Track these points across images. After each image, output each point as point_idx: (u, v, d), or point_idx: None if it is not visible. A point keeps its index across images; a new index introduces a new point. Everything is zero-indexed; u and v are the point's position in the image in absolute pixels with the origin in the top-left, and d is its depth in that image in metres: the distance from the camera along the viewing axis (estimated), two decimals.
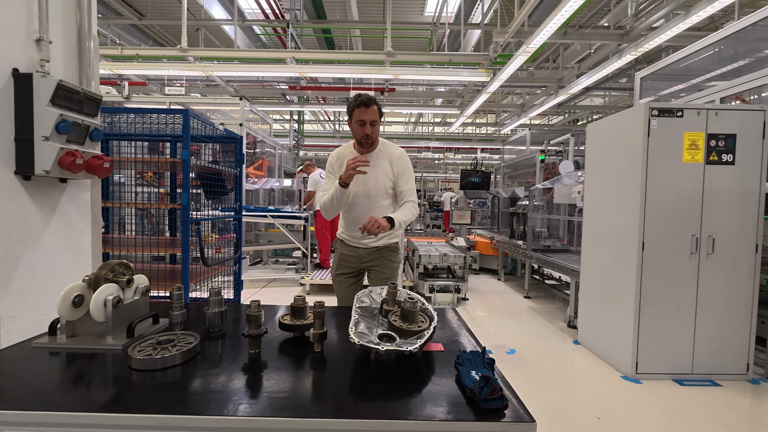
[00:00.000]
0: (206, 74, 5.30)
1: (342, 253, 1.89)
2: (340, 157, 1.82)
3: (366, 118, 1.69)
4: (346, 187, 1.67)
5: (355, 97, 1.73)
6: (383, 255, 1.87)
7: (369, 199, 1.80)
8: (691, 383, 2.37)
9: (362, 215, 1.77)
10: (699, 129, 2.34)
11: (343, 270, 1.89)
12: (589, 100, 9.74)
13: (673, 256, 2.38)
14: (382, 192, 1.82)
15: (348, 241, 1.88)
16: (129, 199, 2.84)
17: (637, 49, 4.18)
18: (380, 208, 1.81)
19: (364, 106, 1.69)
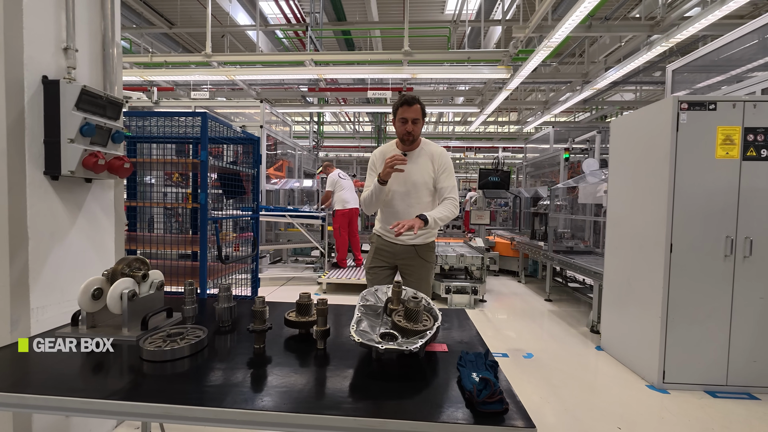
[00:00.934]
0: (228, 78, 5.48)
1: (378, 247, 1.93)
2: (383, 154, 1.87)
3: (408, 116, 1.76)
4: (384, 184, 1.73)
5: (400, 96, 1.82)
6: (419, 254, 1.89)
7: (408, 196, 1.84)
8: (725, 395, 2.21)
9: (401, 211, 1.83)
10: (735, 123, 2.18)
11: (377, 263, 1.93)
12: (619, 95, 9.31)
13: (705, 258, 2.23)
14: (422, 189, 1.85)
15: (385, 236, 1.91)
16: (157, 199, 2.99)
17: (668, 40, 3.94)
18: (420, 205, 1.85)
19: (407, 104, 1.76)
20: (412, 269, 1.88)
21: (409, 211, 1.83)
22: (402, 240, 1.85)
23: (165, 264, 2.46)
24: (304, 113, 10.11)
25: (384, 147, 1.94)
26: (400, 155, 1.72)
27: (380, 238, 1.94)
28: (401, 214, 1.83)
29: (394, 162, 1.66)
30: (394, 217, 1.84)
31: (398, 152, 1.82)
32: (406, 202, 1.84)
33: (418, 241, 1.87)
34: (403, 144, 1.85)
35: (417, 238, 1.85)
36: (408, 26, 5.29)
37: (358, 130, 12.55)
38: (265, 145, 5.51)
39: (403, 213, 1.83)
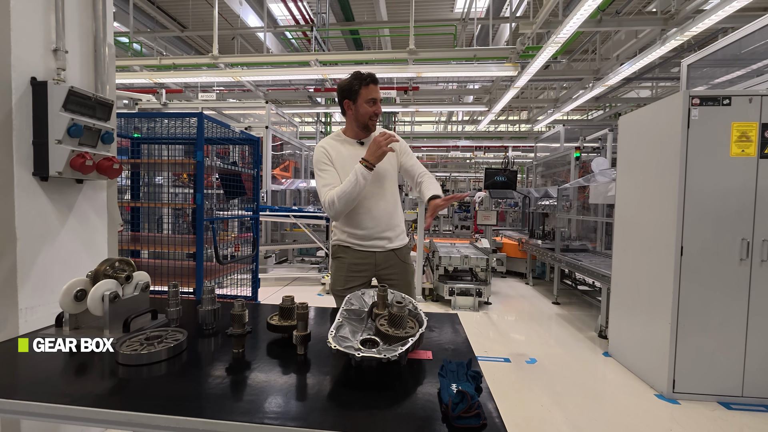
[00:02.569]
0: (234, 79, 5.53)
1: (351, 263, 1.61)
2: (332, 147, 1.58)
3: (377, 96, 1.53)
4: (372, 169, 1.46)
5: (358, 75, 1.52)
6: (400, 257, 1.67)
7: (381, 186, 1.59)
8: (740, 407, 2.09)
9: (373, 208, 1.58)
10: (751, 118, 2.06)
11: (354, 282, 1.61)
12: (635, 92, 9.03)
13: (718, 262, 2.11)
14: (391, 180, 1.64)
15: (358, 246, 1.61)
16: (168, 200, 3.02)
17: (683, 33, 3.77)
18: (392, 199, 1.63)
19: (374, 83, 1.52)
20: (395, 276, 1.65)
21: (382, 207, 1.59)
22: (381, 245, 1.61)
23: (166, 264, 2.48)
24: (312, 113, 10.15)
25: (328, 140, 1.62)
26: (390, 132, 1.50)
27: (350, 249, 1.62)
28: (374, 211, 1.58)
29: (389, 140, 1.44)
30: (367, 216, 1.58)
31: (349, 141, 1.60)
32: (377, 197, 1.58)
33: (397, 243, 1.65)
34: (364, 131, 1.58)
35: (395, 241, 1.64)
36: (413, 25, 5.23)
37: None
38: (271, 146, 5.54)
39: (376, 210, 1.58)
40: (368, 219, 1.59)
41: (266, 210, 4.80)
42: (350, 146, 1.61)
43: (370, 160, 1.45)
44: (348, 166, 1.52)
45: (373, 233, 1.60)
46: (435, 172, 17.29)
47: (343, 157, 1.57)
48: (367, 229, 1.59)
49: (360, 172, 1.45)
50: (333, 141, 1.62)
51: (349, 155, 1.56)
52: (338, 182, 1.53)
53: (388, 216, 1.63)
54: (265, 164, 5.46)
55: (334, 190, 1.50)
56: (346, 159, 1.56)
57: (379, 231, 1.61)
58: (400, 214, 1.71)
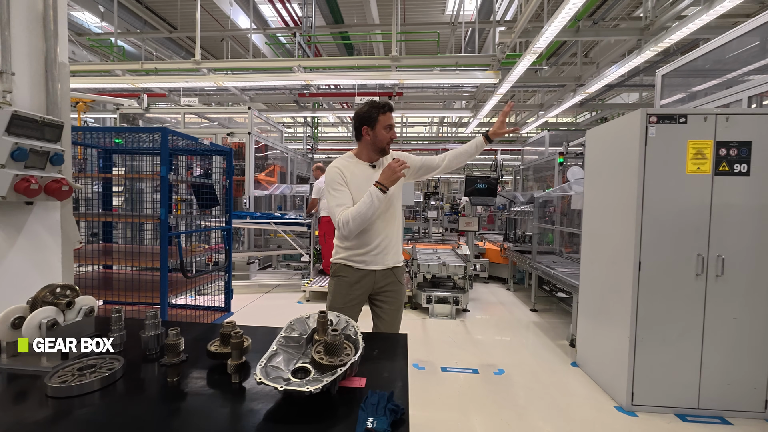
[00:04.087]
0: (217, 84, 5.50)
1: (352, 282, 1.67)
2: (346, 168, 1.65)
3: (392, 123, 1.67)
4: (386, 192, 1.55)
5: (374, 104, 1.66)
6: (397, 276, 1.74)
7: (389, 208, 1.68)
8: (696, 419, 2.14)
9: (382, 226, 1.66)
10: (706, 136, 2.10)
11: (353, 302, 1.68)
12: (620, 98, 9.13)
13: (676, 277, 2.15)
14: (398, 200, 1.76)
15: (361, 265, 1.67)
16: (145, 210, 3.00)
17: (657, 45, 3.83)
18: (397, 218, 1.73)
19: (390, 111, 1.67)
20: (391, 296, 1.72)
21: (389, 228, 1.68)
22: (384, 262, 1.68)
23: (137, 277, 2.47)
24: (299, 117, 10.14)
25: (341, 161, 1.70)
26: (404, 156, 1.67)
27: (352, 268, 1.68)
28: (381, 231, 1.65)
29: (403, 166, 1.54)
30: (374, 235, 1.65)
31: (362, 164, 1.68)
32: (384, 218, 1.67)
33: (395, 262, 1.72)
34: (380, 154, 1.68)
35: (394, 260, 1.71)
36: (397, 30, 5.25)
37: None
38: (254, 151, 5.52)
39: (383, 230, 1.66)
40: (375, 238, 1.66)
41: (247, 217, 4.79)
42: (363, 168, 1.69)
43: (385, 184, 1.54)
44: (362, 186, 1.60)
45: (376, 251, 1.69)
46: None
47: (358, 178, 1.64)
48: (373, 247, 1.68)
49: (375, 195, 1.54)
50: (346, 162, 1.70)
51: (363, 177, 1.64)
52: (351, 202, 1.61)
53: (391, 236, 1.74)
54: (248, 170, 5.44)
55: (348, 211, 1.57)
56: (360, 180, 1.63)
57: (382, 249, 1.70)
58: (400, 236, 1.82)
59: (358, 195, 1.58)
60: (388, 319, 1.72)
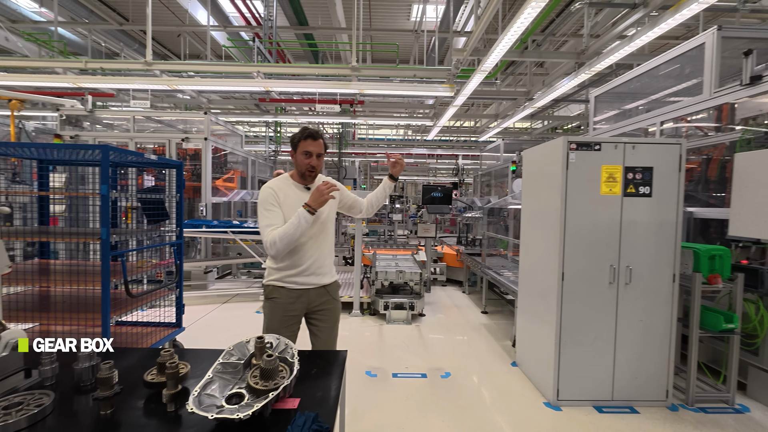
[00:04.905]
0: (171, 87, 5.30)
1: (286, 303, 1.71)
2: (280, 189, 1.71)
3: (312, 150, 1.70)
4: (314, 214, 1.61)
5: (303, 129, 1.73)
6: (331, 293, 1.81)
7: (320, 229, 1.76)
8: (610, 410, 2.43)
9: (313, 246, 1.73)
10: (617, 162, 2.40)
11: (290, 322, 1.72)
12: (567, 110, 9.82)
13: (593, 285, 2.43)
14: (330, 224, 1.83)
15: (293, 285, 1.72)
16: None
17: (590, 69, 4.24)
18: (328, 238, 1.81)
19: (312, 138, 1.71)
20: (326, 314, 1.79)
21: (319, 247, 1.75)
22: (315, 281, 1.74)
23: (69, 295, 2.37)
24: (261, 122, 9.94)
25: (276, 182, 1.75)
26: (333, 181, 1.73)
27: (285, 289, 1.72)
28: (311, 251, 1.72)
29: (331, 189, 1.60)
30: (305, 255, 1.71)
31: (297, 185, 1.76)
32: (315, 238, 1.74)
33: (328, 279, 1.80)
34: (303, 179, 1.76)
35: (327, 277, 1.78)
36: (359, 39, 5.34)
37: (328, 132, 12.46)
38: (211, 158, 5.39)
39: (314, 249, 1.72)
40: (307, 258, 1.72)
41: (202, 226, 4.67)
42: (298, 190, 1.75)
43: (312, 206, 1.60)
44: (294, 208, 1.64)
45: (309, 270, 1.75)
46: None
47: (291, 199, 1.72)
48: (304, 266, 1.73)
49: (303, 216, 1.60)
50: (281, 183, 1.75)
51: (297, 198, 1.72)
52: (281, 223, 1.65)
53: (323, 255, 1.81)
54: (204, 177, 5.30)
55: (276, 231, 1.61)
56: (293, 201, 1.71)
57: (315, 268, 1.77)
58: (332, 255, 1.90)
59: (291, 216, 1.63)
60: (324, 336, 1.79)
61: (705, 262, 2.44)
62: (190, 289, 5.17)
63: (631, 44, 3.68)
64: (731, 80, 3.04)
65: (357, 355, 3.22)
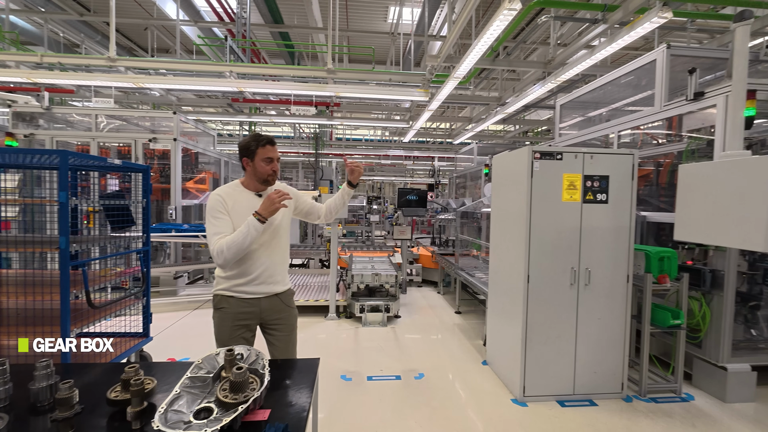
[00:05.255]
0: (136, 85, 5.08)
1: (236, 313, 1.68)
2: (230, 196, 1.67)
3: (273, 156, 1.71)
4: (264, 222, 1.59)
5: (257, 136, 1.71)
6: (284, 301, 1.80)
7: (273, 237, 1.75)
8: (572, 404, 2.58)
9: (264, 254, 1.71)
10: (577, 171, 2.55)
11: (240, 332, 1.68)
12: (537, 114, 10.22)
13: (555, 287, 2.58)
14: (284, 230, 1.83)
15: (243, 294, 1.69)
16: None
17: (556, 79, 4.45)
18: (281, 246, 1.79)
19: (270, 144, 1.71)
20: (281, 321, 1.77)
21: (271, 256, 1.73)
22: (266, 290, 1.72)
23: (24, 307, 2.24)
24: (233, 120, 9.69)
25: (226, 189, 1.71)
26: (286, 189, 1.71)
27: (234, 299, 1.68)
28: (263, 259, 1.69)
29: (282, 198, 1.58)
30: (256, 263, 1.68)
31: (248, 193, 1.73)
32: (267, 246, 1.71)
33: (281, 288, 1.77)
34: (264, 185, 1.75)
35: (279, 286, 1.77)
36: (335, 42, 5.32)
37: (301, 132, 12.30)
38: (180, 159, 5.21)
39: (265, 257, 1.70)
40: (257, 266, 1.70)
41: (172, 230, 4.52)
42: (249, 198, 1.74)
43: (263, 214, 1.58)
44: (245, 216, 1.61)
45: (259, 279, 1.72)
46: (372, 175, 17.64)
47: (241, 207, 1.69)
48: (255, 275, 1.71)
49: (252, 225, 1.57)
50: (231, 190, 1.72)
51: (248, 206, 1.68)
52: (230, 231, 1.62)
53: (275, 264, 1.79)
54: (174, 179, 5.12)
55: (224, 240, 1.58)
56: (244, 209, 1.67)
57: (266, 277, 1.74)
58: (286, 263, 1.89)
59: (241, 224, 1.60)
60: (281, 345, 1.79)
61: (655, 263, 2.64)
62: (159, 296, 5.00)
63: (591, 57, 3.91)
64: (680, 93, 3.29)
65: (332, 359, 3.24)
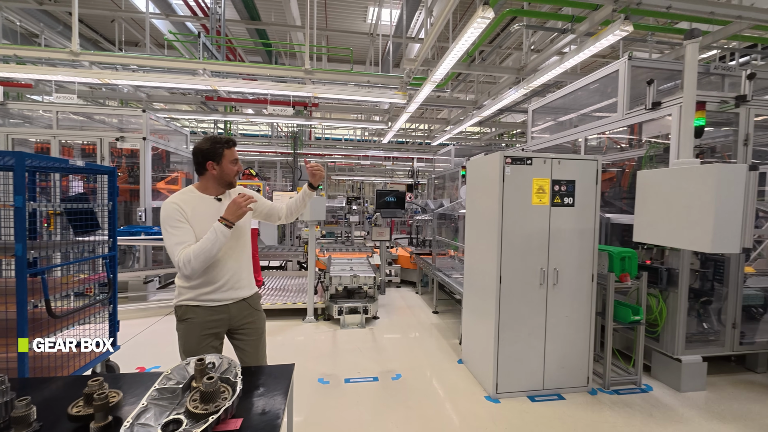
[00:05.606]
0: (101, 81, 4.84)
1: (203, 322, 1.63)
2: (187, 203, 1.61)
3: (237, 157, 1.72)
4: (232, 227, 1.57)
5: (217, 139, 1.68)
6: (252, 305, 1.78)
7: (237, 242, 1.72)
8: (541, 398, 2.70)
9: (230, 260, 1.68)
10: (545, 175, 2.66)
11: (209, 341, 1.64)
12: (512, 117, 10.51)
13: (526, 286, 2.68)
14: (247, 233, 1.81)
15: (210, 303, 1.65)
16: None
17: (528, 86, 4.61)
18: (245, 250, 1.77)
19: (234, 145, 1.71)
20: (250, 326, 1.75)
21: (236, 261, 1.70)
22: (235, 296, 1.69)
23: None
24: (208, 119, 9.41)
25: (181, 196, 1.64)
26: (250, 193, 1.67)
27: (200, 308, 1.63)
28: (228, 264, 1.66)
29: (248, 201, 1.58)
30: (222, 270, 1.65)
31: (207, 198, 1.68)
32: (232, 251, 1.69)
33: (248, 292, 1.75)
34: (229, 187, 1.73)
35: (246, 290, 1.74)
36: (313, 42, 5.28)
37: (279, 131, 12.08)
38: (150, 159, 5.02)
39: (231, 263, 1.67)
40: (225, 273, 1.67)
41: (141, 233, 4.35)
42: (208, 203, 1.70)
43: (230, 219, 1.56)
44: (206, 222, 1.58)
45: (227, 285, 1.70)
46: (352, 175, 17.60)
47: (201, 214, 1.64)
48: (222, 281, 1.68)
49: (220, 231, 1.53)
50: (187, 197, 1.65)
51: (208, 212, 1.65)
52: (193, 239, 1.57)
53: (242, 268, 1.77)
54: (143, 180, 4.93)
55: (190, 248, 1.53)
56: (205, 215, 1.64)
57: (234, 282, 1.72)
58: (250, 266, 1.85)
59: (203, 230, 1.56)
60: (251, 350, 1.76)
61: (617, 263, 2.80)
62: (128, 302, 4.80)
63: (561, 65, 4.08)
64: (640, 102, 3.49)
65: (310, 362, 3.22)
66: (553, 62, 4.52)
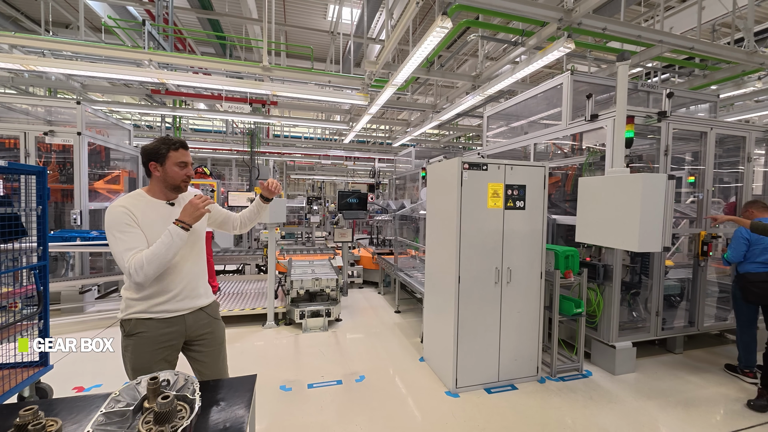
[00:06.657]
0: (26, 68, 4.31)
1: (156, 335, 1.53)
2: (136, 207, 1.51)
3: (187, 160, 1.62)
4: (189, 230, 1.50)
5: (165, 140, 1.59)
6: (210, 314, 1.70)
7: (192, 247, 1.64)
8: (497, 390, 2.88)
9: (185, 267, 1.60)
10: (499, 180, 2.84)
11: (162, 354, 1.54)
12: (469, 120, 10.98)
13: (483, 285, 2.84)
14: (201, 237, 1.72)
15: (164, 314, 1.55)
16: None
17: (483, 93, 4.85)
18: (201, 256, 1.70)
19: (183, 147, 1.62)
20: (208, 336, 1.67)
21: (192, 267, 1.63)
22: (191, 305, 1.61)
23: None
24: (155, 114, 8.73)
25: (129, 200, 1.53)
26: (206, 196, 1.59)
27: (153, 321, 1.53)
28: (184, 272, 1.59)
29: (206, 202, 1.53)
30: (177, 277, 1.57)
31: (156, 202, 1.59)
32: (187, 257, 1.62)
33: (205, 300, 1.68)
34: (175, 192, 1.63)
35: (203, 298, 1.67)
36: (271, 38, 5.11)
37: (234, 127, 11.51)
38: (86, 157, 4.56)
39: (186, 270, 1.60)
40: (180, 281, 1.60)
41: (77, 239, 3.95)
42: (159, 208, 1.60)
43: (187, 221, 1.49)
44: (157, 226, 1.50)
45: (182, 294, 1.61)
46: (312, 175, 17.27)
47: (152, 218, 1.55)
48: (177, 290, 1.59)
49: (176, 234, 1.46)
50: (135, 201, 1.56)
51: (159, 216, 1.56)
52: (144, 245, 1.49)
53: (198, 275, 1.70)
54: (78, 179, 4.46)
55: (141, 254, 1.43)
56: (155, 220, 1.55)
57: (190, 290, 1.64)
58: (206, 273, 1.78)
59: (154, 236, 1.48)
60: (210, 362, 1.69)
61: (562, 261, 3.06)
62: (62, 314, 4.33)
63: (512, 76, 4.35)
64: (581, 114, 3.83)
65: (271, 369, 3.14)
66: (506, 71, 4.80)
